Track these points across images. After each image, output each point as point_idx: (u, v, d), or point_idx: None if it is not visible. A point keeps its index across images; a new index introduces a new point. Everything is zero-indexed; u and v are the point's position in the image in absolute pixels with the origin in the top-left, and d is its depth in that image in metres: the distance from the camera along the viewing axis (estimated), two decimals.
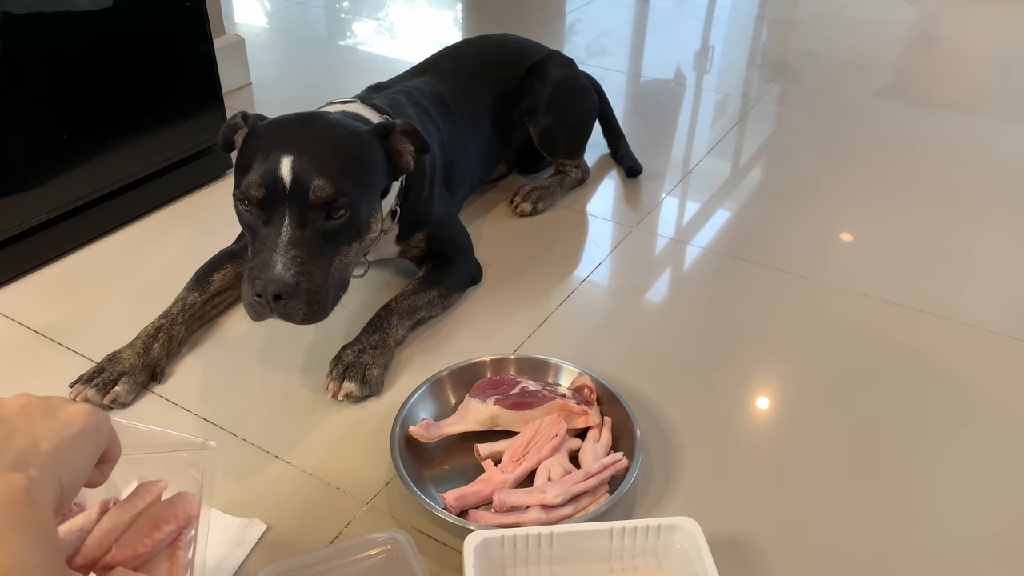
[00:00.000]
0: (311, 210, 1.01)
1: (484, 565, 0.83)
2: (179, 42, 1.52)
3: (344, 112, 1.19)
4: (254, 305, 1.00)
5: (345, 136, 1.07)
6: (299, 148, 1.01)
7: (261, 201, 1.00)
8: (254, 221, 1.02)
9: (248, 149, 1.06)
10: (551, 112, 1.57)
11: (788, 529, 0.95)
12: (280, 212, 1.00)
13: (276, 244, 0.99)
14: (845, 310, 1.33)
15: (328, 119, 1.10)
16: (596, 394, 1.07)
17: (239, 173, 1.05)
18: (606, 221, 1.59)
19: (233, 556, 0.88)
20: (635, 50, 2.59)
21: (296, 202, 1.00)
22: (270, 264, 0.97)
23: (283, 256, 0.98)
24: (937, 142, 1.94)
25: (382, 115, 1.23)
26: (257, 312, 1.00)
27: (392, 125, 1.12)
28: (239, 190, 1.02)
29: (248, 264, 1.02)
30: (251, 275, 0.99)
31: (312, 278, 0.99)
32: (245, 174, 1.02)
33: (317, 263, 1.00)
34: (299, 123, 1.08)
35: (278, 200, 1.00)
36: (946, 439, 1.08)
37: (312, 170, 1.00)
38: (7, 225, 1.32)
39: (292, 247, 0.98)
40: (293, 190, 1.00)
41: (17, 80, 1.27)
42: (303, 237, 1.00)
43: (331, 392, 1.10)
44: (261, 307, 0.99)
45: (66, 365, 1.15)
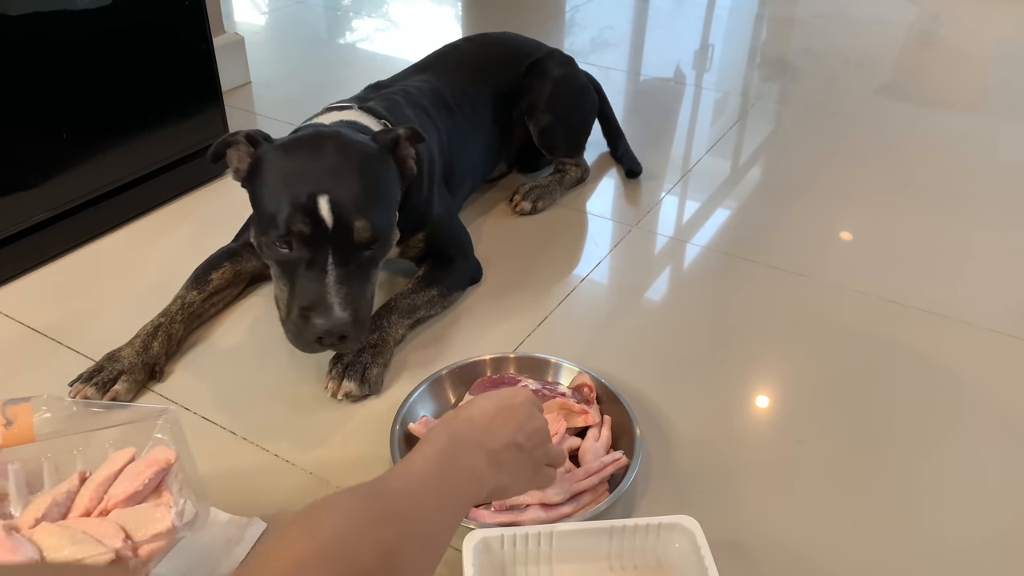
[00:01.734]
0: (352, 248, 1.03)
1: (484, 564, 0.83)
2: (179, 41, 1.52)
3: (342, 122, 1.19)
4: (311, 345, 1.03)
5: (365, 162, 1.08)
6: (330, 184, 1.02)
7: (305, 239, 1.01)
8: (292, 258, 1.03)
9: (267, 183, 1.05)
10: (551, 111, 1.57)
11: (788, 528, 0.95)
12: (322, 251, 1.02)
13: (325, 284, 1.01)
14: (844, 309, 1.33)
15: (341, 141, 1.08)
16: (596, 393, 1.07)
17: (265, 209, 1.04)
18: (606, 220, 1.59)
19: (233, 555, 0.88)
20: (635, 48, 2.59)
21: (338, 241, 1.02)
22: (327, 306, 1.00)
23: (336, 297, 1.01)
24: (937, 141, 1.94)
25: (380, 120, 1.23)
26: (313, 350, 1.04)
27: (397, 136, 1.12)
28: (276, 230, 1.01)
29: (296, 303, 1.02)
30: (306, 316, 1.01)
31: (361, 310, 1.04)
32: (276, 211, 1.02)
33: (361, 294, 1.05)
34: (315, 149, 1.06)
35: (320, 239, 1.01)
36: (946, 437, 1.08)
37: (352, 211, 1.02)
38: (7, 224, 1.32)
39: (341, 286, 1.01)
40: (335, 231, 1.01)
41: (17, 79, 1.27)
42: (348, 274, 1.03)
43: (331, 391, 1.10)
44: (319, 346, 1.03)
45: (66, 364, 1.15)
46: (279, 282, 1.07)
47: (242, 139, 1.08)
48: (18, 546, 0.71)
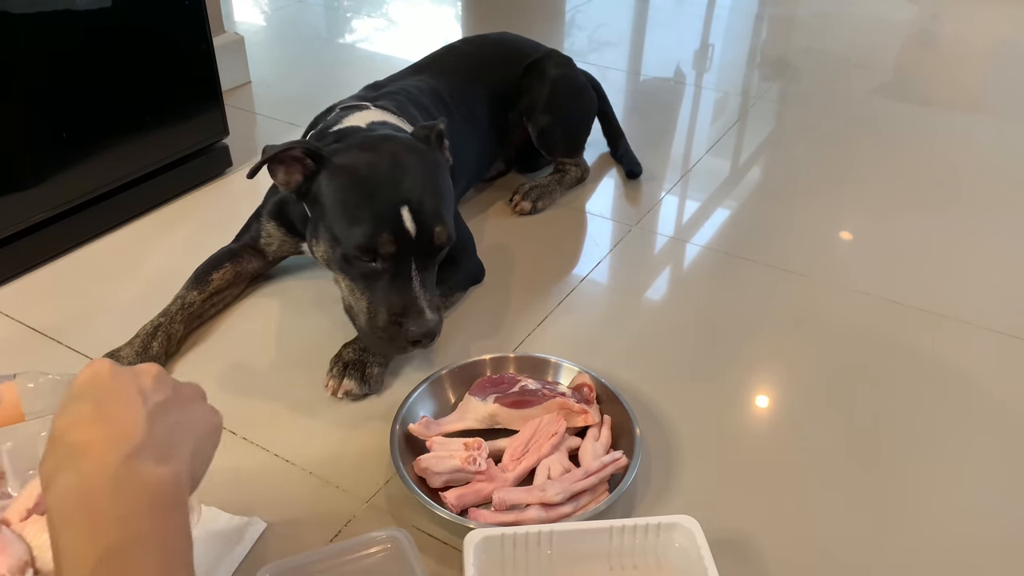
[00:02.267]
0: (432, 252, 1.06)
1: (484, 563, 0.83)
2: (178, 41, 1.52)
3: (374, 123, 1.19)
4: (405, 348, 1.07)
5: (431, 166, 1.10)
6: (409, 195, 1.04)
7: (391, 254, 1.03)
8: (376, 270, 1.04)
9: (340, 198, 1.04)
10: (550, 111, 1.57)
11: (788, 528, 0.95)
12: (406, 260, 1.04)
13: (413, 291, 1.04)
14: (845, 308, 1.33)
15: (402, 147, 1.09)
16: (595, 392, 1.07)
17: (342, 223, 1.03)
18: (606, 220, 1.59)
19: (232, 555, 0.88)
20: (635, 48, 2.58)
21: (421, 249, 1.04)
22: (419, 310, 1.03)
23: (425, 302, 1.04)
24: (937, 140, 1.94)
25: (400, 119, 1.24)
26: (407, 351, 1.09)
27: (441, 132, 1.14)
28: (359, 245, 1.02)
29: (386, 311, 1.04)
30: (399, 323, 1.03)
31: (441, 308, 1.09)
32: (354, 227, 1.02)
33: (436, 292, 1.09)
34: (383, 158, 1.06)
35: (405, 250, 1.03)
36: (946, 437, 1.08)
37: (431, 218, 1.04)
38: (7, 223, 1.32)
39: (425, 290, 1.05)
40: (418, 238, 1.04)
41: (17, 78, 1.27)
42: (427, 278, 1.07)
43: (331, 390, 1.10)
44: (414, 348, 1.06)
45: (65, 363, 1.15)
46: (355, 292, 1.07)
47: (299, 153, 1.05)
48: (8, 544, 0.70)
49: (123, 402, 0.54)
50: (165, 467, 0.52)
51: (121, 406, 0.54)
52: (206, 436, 0.60)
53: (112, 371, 0.57)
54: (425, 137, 1.13)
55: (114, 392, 0.55)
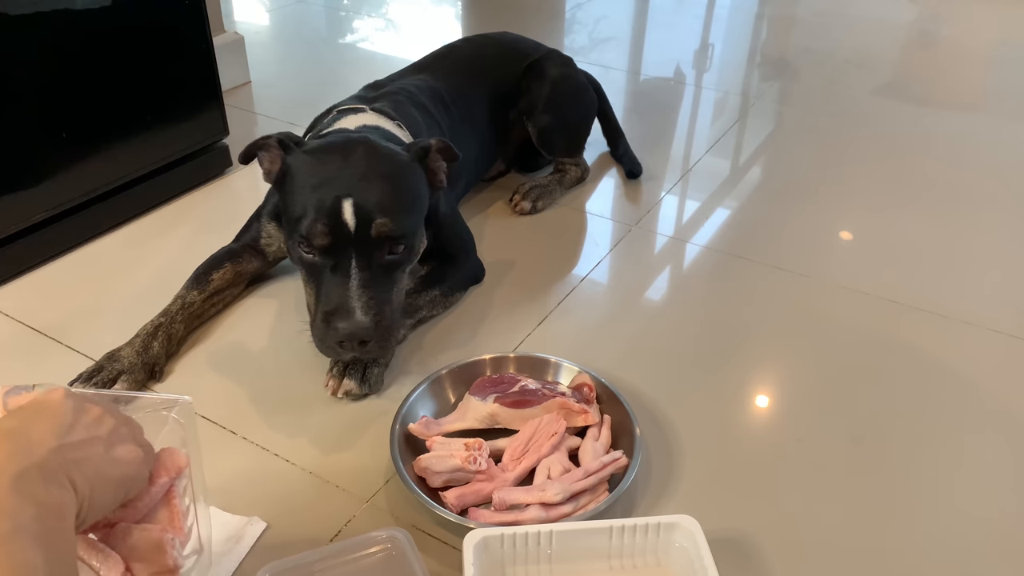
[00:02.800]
0: (375, 250, 1.03)
1: (484, 563, 0.83)
2: (179, 40, 1.52)
3: (365, 126, 1.19)
4: (335, 349, 1.02)
5: (395, 169, 1.08)
6: (356, 188, 1.02)
7: (327, 247, 1.01)
8: (317, 263, 1.03)
9: (297, 187, 1.05)
10: (549, 111, 1.57)
11: (788, 527, 0.95)
12: (346, 255, 1.02)
13: (348, 289, 1.01)
14: (844, 308, 1.33)
15: (372, 148, 1.08)
16: (595, 392, 1.07)
17: (292, 214, 1.05)
18: (605, 219, 1.59)
19: (233, 554, 0.88)
20: (635, 48, 2.58)
21: (361, 244, 1.02)
22: (349, 310, 1.00)
23: (358, 301, 1.00)
24: (937, 140, 1.94)
25: (394, 122, 1.24)
26: (337, 354, 1.04)
27: (429, 147, 1.12)
28: (300, 235, 1.02)
29: (321, 307, 1.02)
30: (329, 321, 1.00)
31: (385, 315, 1.03)
32: (301, 217, 1.02)
33: (386, 299, 1.04)
34: (345, 155, 1.06)
35: (343, 243, 1.01)
36: (945, 437, 1.08)
37: (375, 212, 1.01)
38: (7, 224, 1.32)
39: (364, 290, 1.01)
40: (358, 233, 1.01)
41: (17, 78, 1.27)
42: (371, 278, 1.02)
43: (331, 390, 1.10)
44: (343, 351, 1.02)
45: (66, 363, 1.15)
46: (307, 286, 1.07)
47: (274, 143, 1.09)
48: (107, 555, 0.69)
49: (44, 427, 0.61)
50: (56, 489, 0.57)
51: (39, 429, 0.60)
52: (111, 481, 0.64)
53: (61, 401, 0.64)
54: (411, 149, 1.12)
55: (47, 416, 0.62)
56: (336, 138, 1.13)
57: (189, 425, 0.79)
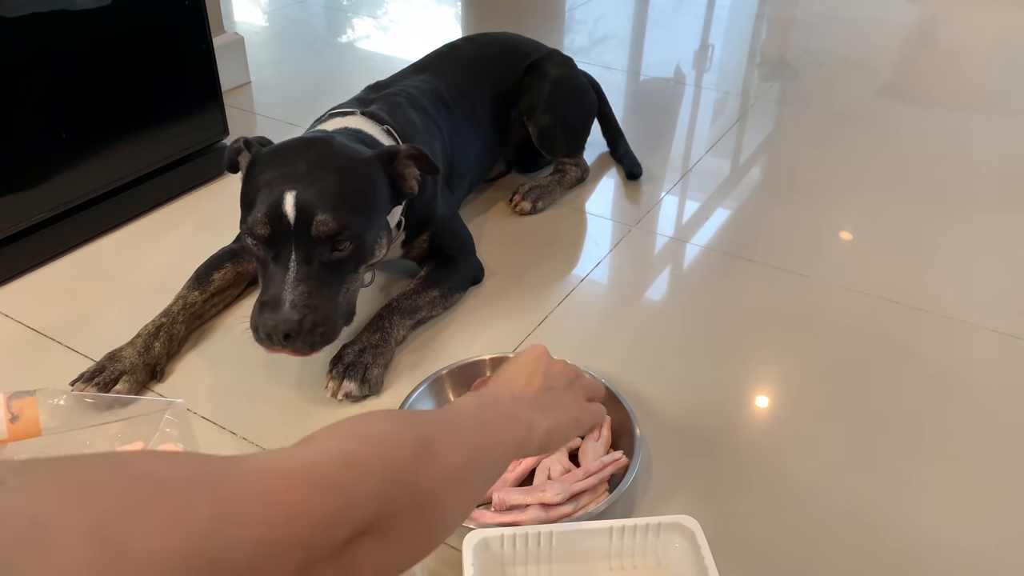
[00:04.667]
0: (316, 244, 1.01)
1: (484, 563, 0.83)
2: (178, 41, 1.52)
3: (346, 128, 1.19)
4: (265, 340, 1.01)
5: (347, 165, 1.07)
6: (301, 182, 1.02)
7: (267, 238, 1.01)
8: (262, 255, 1.03)
9: (251, 181, 1.06)
10: (550, 111, 1.57)
11: (788, 528, 0.95)
12: (286, 248, 1.01)
13: (283, 281, 1.00)
14: (844, 309, 1.33)
15: (329, 146, 1.08)
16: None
17: (244, 206, 1.05)
18: (605, 220, 1.59)
19: None
20: (634, 48, 2.59)
21: (301, 238, 1.01)
22: (278, 302, 0.99)
23: (290, 293, 0.99)
24: (937, 141, 1.94)
25: (383, 126, 1.23)
26: (268, 346, 1.03)
27: (396, 151, 1.11)
28: (246, 226, 1.02)
29: (259, 299, 1.02)
30: (261, 311, 1.00)
31: (318, 311, 1.01)
32: (250, 209, 1.03)
33: (324, 295, 1.02)
34: (301, 152, 1.06)
35: (283, 236, 1.01)
36: (946, 437, 1.08)
37: (315, 205, 1.00)
38: (7, 224, 1.32)
39: (299, 283, 1.00)
40: (298, 226, 1.00)
41: (17, 79, 1.27)
42: (310, 272, 1.01)
43: (331, 391, 1.10)
44: (272, 343, 1.01)
45: (66, 364, 1.15)
46: (259, 277, 1.07)
47: (241, 144, 1.11)
48: None
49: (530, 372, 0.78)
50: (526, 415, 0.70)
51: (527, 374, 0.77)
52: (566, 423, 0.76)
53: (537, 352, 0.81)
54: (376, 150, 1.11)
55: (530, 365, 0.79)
56: (298, 137, 1.13)
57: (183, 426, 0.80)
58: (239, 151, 1.12)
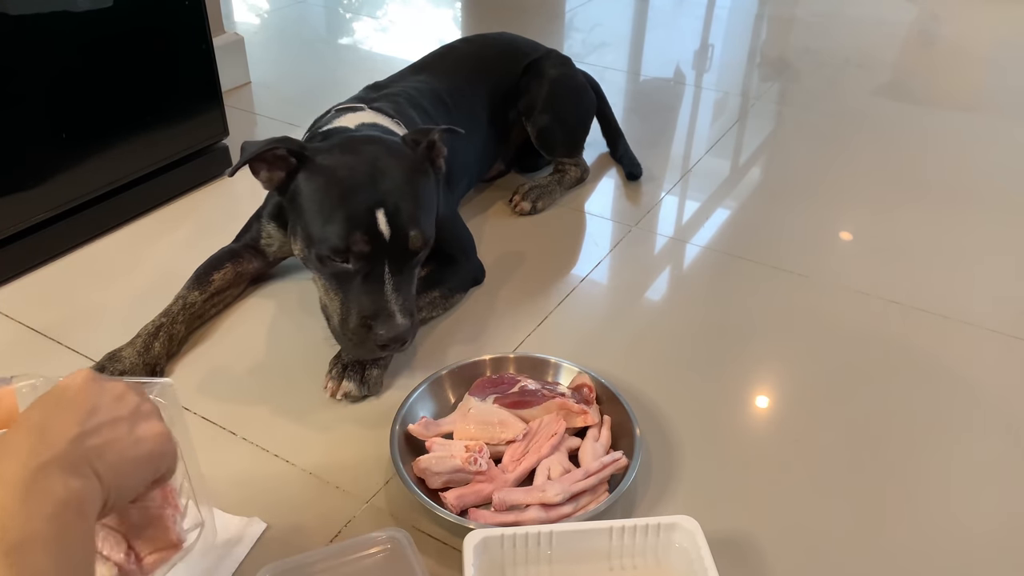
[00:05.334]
0: (408, 256, 1.05)
1: (484, 564, 0.83)
2: (178, 41, 1.52)
3: (364, 124, 1.19)
4: (374, 352, 1.06)
5: (413, 170, 1.09)
6: (385, 197, 1.03)
7: (364, 255, 1.03)
8: (348, 271, 1.04)
9: (317, 197, 1.04)
10: (548, 111, 1.57)
11: (788, 528, 0.95)
12: (380, 262, 1.03)
13: (384, 294, 1.03)
14: (844, 309, 1.33)
15: (385, 150, 1.09)
16: (595, 393, 1.07)
17: (317, 224, 1.03)
18: (605, 220, 1.59)
19: (233, 555, 0.88)
20: (634, 48, 2.59)
21: (395, 251, 1.04)
22: (389, 314, 1.03)
23: (396, 306, 1.03)
24: (937, 141, 1.94)
25: (393, 120, 1.24)
26: (375, 355, 1.08)
27: (432, 140, 1.13)
28: (332, 244, 1.01)
29: (356, 313, 1.04)
30: (368, 326, 1.03)
31: (414, 313, 1.07)
32: (329, 227, 1.02)
33: (412, 298, 1.08)
34: (366, 159, 1.06)
35: (378, 252, 1.03)
36: (945, 437, 1.08)
37: (407, 221, 1.04)
38: (7, 224, 1.32)
39: (398, 294, 1.04)
40: (392, 241, 1.03)
41: (17, 79, 1.27)
42: (402, 281, 1.05)
43: (330, 391, 1.10)
44: (386, 352, 1.07)
45: (66, 364, 1.15)
46: (329, 292, 1.07)
47: (284, 152, 1.06)
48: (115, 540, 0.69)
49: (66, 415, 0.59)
50: (75, 480, 0.56)
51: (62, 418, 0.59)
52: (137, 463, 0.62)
53: (83, 384, 0.62)
54: (414, 142, 1.12)
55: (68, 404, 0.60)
56: (343, 140, 1.12)
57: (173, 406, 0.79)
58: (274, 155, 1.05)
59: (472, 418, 1.01)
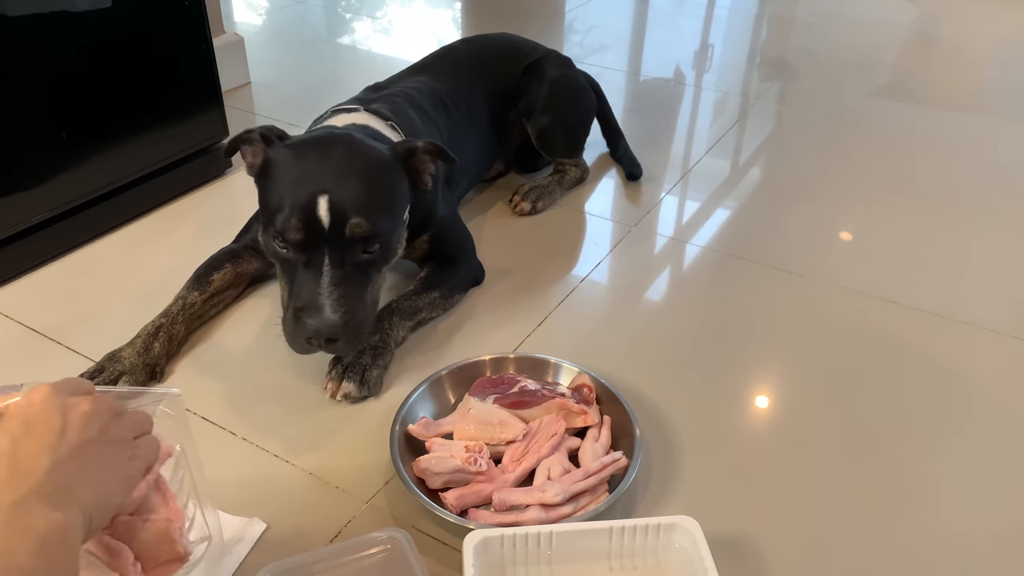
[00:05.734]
0: (349, 248, 1.02)
1: (484, 564, 0.83)
2: (178, 41, 1.52)
3: (354, 125, 1.19)
4: (303, 345, 1.02)
5: (373, 165, 1.07)
6: (332, 185, 1.02)
7: (300, 242, 1.01)
8: (291, 258, 1.03)
9: (274, 181, 1.05)
10: (549, 111, 1.57)
11: (787, 528, 0.95)
12: (319, 252, 1.02)
13: (319, 285, 1.01)
14: (844, 309, 1.33)
15: (353, 145, 1.09)
16: (595, 393, 1.07)
17: (269, 208, 1.05)
18: (605, 220, 1.59)
19: (233, 555, 0.88)
20: (634, 49, 2.59)
21: (335, 242, 1.02)
22: (318, 307, 1.00)
23: (328, 298, 1.00)
24: (936, 141, 1.94)
25: (387, 122, 1.24)
26: (305, 350, 1.04)
27: (415, 147, 1.12)
28: (275, 229, 1.02)
29: (292, 303, 1.03)
30: (299, 317, 1.01)
31: (356, 314, 1.02)
32: (277, 211, 1.02)
33: (357, 297, 1.04)
34: (325, 151, 1.06)
35: (317, 240, 1.01)
36: (945, 438, 1.08)
37: (349, 209, 1.01)
38: (7, 224, 1.32)
39: (335, 287, 1.01)
40: (332, 230, 1.01)
41: (17, 80, 1.27)
42: (343, 276, 1.02)
43: (330, 392, 1.10)
44: (311, 347, 1.02)
45: (66, 364, 1.15)
46: (281, 280, 1.07)
47: (256, 136, 1.09)
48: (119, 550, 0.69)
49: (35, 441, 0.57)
50: (56, 512, 0.55)
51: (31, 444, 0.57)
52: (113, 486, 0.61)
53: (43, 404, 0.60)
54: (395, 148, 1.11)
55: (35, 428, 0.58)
56: (318, 133, 1.13)
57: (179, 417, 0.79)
58: (247, 141, 1.10)
59: (472, 418, 1.01)
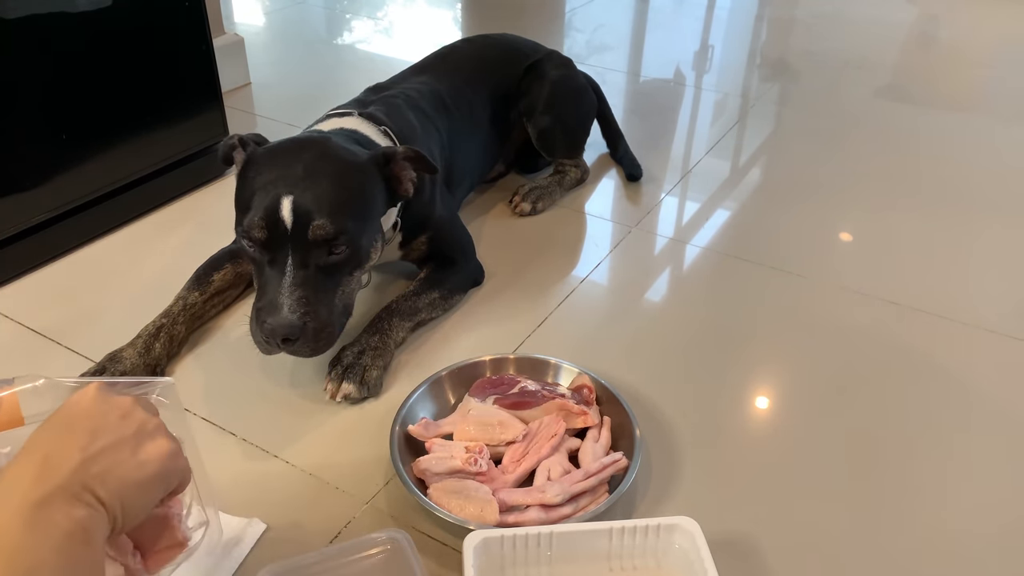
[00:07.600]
0: (313, 249, 1.02)
1: (484, 564, 0.83)
2: (178, 41, 1.52)
3: (342, 129, 1.19)
4: (263, 344, 1.02)
5: (343, 168, 1.07)
6: (298, 186, 1.02)
7: (264, 242, 1.01)
8: (258, 258, 1.03)
9: (246, 183, 1.06)
10: (549, 112, 1.57)
11: (788, 529, 0.95)
12: (283, 252, 1.01)
13: (281, 285, 1.00)
14: (844, 310, 1.33)
15: (326, 148, 1.08)
16: (595, 394, 1.07)
17: (240, 208, 1.05)
18: (605, 221, 1.59)
19: (232, 555, 0.88)
20: (634, 49, 2.59)
21: (298, 242, 1.01)
22: (277, 306, 0.99)
23: (288, 298, 0.99)
24: (936, 142, 1.94)
25: (380, 127, 1.23)
26: (267, 350, 1.03)
27: (393, 153, 1.11)
28: (243, 229, 1.02)
29: (256, 303, 1.03)
30: (259, 316, 1.01)
31: (317, 316, 1.01)
32: (246, 211, 1.02)
33: (321, 299, 1.03)
34: (296, 154, 1.06)
35: (280, 240, 1.01)
36: (945, 439, 1.08)
37: (312, 209, 1.01)
38: (7, 224, 1.32)
39: (297, 288, 1.00)
40: (295, 231, 1.01)
41: (17, 80, 1.27)
42: (306, 277, 1.01)
43: (330, 393, 1.10)
44: (270, 347, 1.02)
45: (67, 365, 1.15)
46: (254, 280, 1.07)
47: (236, 141, 1.11)
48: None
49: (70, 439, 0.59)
50: (81, 510, 0.56)
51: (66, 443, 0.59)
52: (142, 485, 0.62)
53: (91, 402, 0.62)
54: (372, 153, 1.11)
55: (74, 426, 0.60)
56: (296, 137, 1.14)
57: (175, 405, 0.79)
58: (233, 147, 1.11)
59: (472, 419, 1.01)
